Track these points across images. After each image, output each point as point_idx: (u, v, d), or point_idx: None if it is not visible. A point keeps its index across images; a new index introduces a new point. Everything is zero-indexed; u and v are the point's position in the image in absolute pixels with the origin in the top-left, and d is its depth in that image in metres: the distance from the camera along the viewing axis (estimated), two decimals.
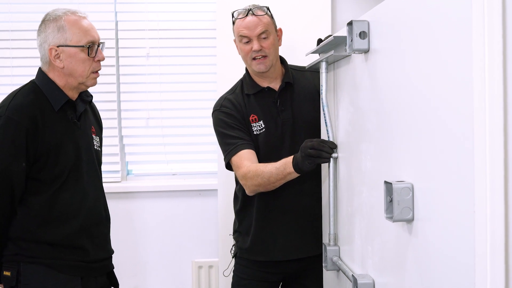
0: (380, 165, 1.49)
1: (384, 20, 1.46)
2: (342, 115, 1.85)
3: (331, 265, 1.92)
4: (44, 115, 1.91)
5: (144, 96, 3.14)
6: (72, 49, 1.93)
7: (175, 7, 3.14)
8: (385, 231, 1.45)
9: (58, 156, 1.92)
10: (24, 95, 1.93)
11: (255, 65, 2.19)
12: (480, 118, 1.01)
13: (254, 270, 2.28)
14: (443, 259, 1.14)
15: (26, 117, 1.86)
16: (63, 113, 1.96)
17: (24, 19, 3.07)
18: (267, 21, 2.19)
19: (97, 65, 2.00)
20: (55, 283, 1.92)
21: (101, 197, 2.11)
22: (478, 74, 1.01)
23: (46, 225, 1.92)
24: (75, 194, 1.97)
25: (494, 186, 1.01)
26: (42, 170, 1.90)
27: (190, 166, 3.21)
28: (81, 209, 1.98)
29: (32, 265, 1.90)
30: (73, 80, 1.97)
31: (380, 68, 1.48)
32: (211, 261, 3.10)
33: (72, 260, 1.95)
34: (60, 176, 1.93)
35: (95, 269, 2.03)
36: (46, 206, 1.92)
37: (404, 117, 1.33)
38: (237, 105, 2.24)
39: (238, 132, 2.20)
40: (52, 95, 1.95)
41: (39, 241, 1.91)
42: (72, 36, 1.93)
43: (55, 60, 1.94)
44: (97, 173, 2.09)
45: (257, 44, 2.16)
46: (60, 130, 1.94)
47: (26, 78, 3.02)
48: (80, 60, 1.94)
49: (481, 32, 1.01)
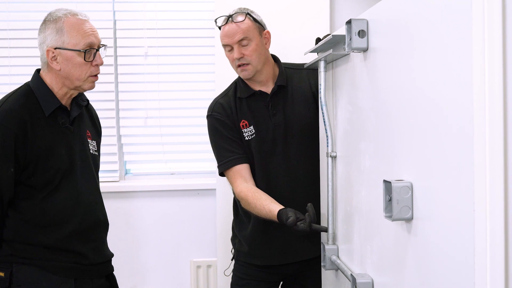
0: (379, 164, 1.49)
1: (383, 18, 1.46)
2: (341, 114, 1.84)
3: (330, 265, 1.91)
4: (34, 120, 1.88)
5: (142, 95, 3.14)
6: (69, 52, 1.90)
7: (174, 6, 3.14)
8: (384, 230, 1.45)
9: (49, 161, 1.89)
10: (15, 100, 1.90)
11: (240, 72, 2.18)
12: (479, 116, 1.01)
13: (254, 271, 2.27)
14: (443, 258, 1.14)
15: (15, 122, 1.84)
16: (54, 118, 1.93)
17: (22, 18, 3.07)
18: (247, 27, 2.13)
19: (96, 69, 1.95)
20: (47, 284, 1.90)
21: (98, 201, 2.07)
22: (478, 73, 1.01)
23: (38, 229, 1.90)
24: (68, 198, 1.94)
25: (493, 185, 1.01)
26: (32, 175, 1.88)
27: (189, 166, 3.21)
28: (75, 213, 1.95)
29: (25, 266, 1.89)
30: (70, 83, 1.94)
31: (379, 66, 1.48)
32: (209, 260, 3.10)
33: (66, 262, 1.93)
34: (52, 181, 1.90)
35: (90, 272, 2.00)
36: (38, 211, 1.90)
37: (403, 116, 1.33)
38: (228, 110, 2.22)
39: (231, 143, 2.20)
40: (44, 99, 1.92)
41: (32, 243, 1.90)
42: (70, 39, 1.90)
43: (52, 62, 1.92)
44: (93, 178, 2.06)
45: (237, 52, 2.13)
46: (51, 135, 1.91)
47: (25, 77, 3.02)
48: (76, 64, 1.91)
49: (481, 32, 1.01)
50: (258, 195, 2.09)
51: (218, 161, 2.23)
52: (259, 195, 2.09)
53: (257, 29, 2.17)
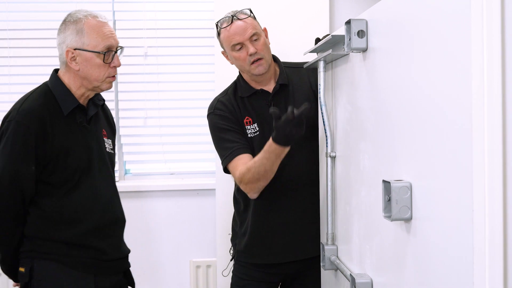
0: (378, 164, 1.49)
1: (382, 19, 1.46)
2: (340, 114, 1.84)
3: (329, 265, 1.92)
4: (53, 119, 1.93)
5: (142, 95, 3.14)
6: (88, 53, 1.95)
7: (173, 6, 3.14)
8: (383, 230, 1.45)
9: (68, 160, 1.94)
10: (35, 99, 1.95)
11: (254, 69, 2.15)
12: (478, 116, 1.01)
13: (253, 271, 2.26)
14: (442, 258, 1.14)
15: (35, 121, 1.89)
16: (73, 117, 1.99)
17: (22, 18, 3.07)
18: (254, 23, 2.15)
19: (113, 71, 2.00)
20: (67, 279, 1.96)
21: (115, 198, 2.13)
22: (477, 73, 1.01)
23: (58, 225, 1.96)
24: (87, 196, 1.99)
25: (492, 185, 1.01)
26: (52, 173, 1.93)
27: (188, 166, 3.21)
28: (93, 210, 2.00)
29: (45, 261, 1.94)
30: (88, 83, 1.99)
31: (378, 67, 1.48)
32: (209, 260, 3.10)
33: (84, 257, 1.98)
34: (71, 179, 1.96)
35: (109, 268, 2.05)
36: (57, 208, 1.95)
37: (403, 116, 1.33)
38: (230, 108, 2.21)
39: (233, 134, 2.17)
40: (63, 99, 1.97)
41: (52, 239, 1.95)
42: (90, 40, 1.94)
43: (71, 62, 1.96)
44: (110, 175, 2.12)
45: (252, 47, 2.12)
46: (69, 134, 1.96)
47: (24, 77, 3.07)
48: (95, 65, 1.96)
49: (480, 32, 1.01)
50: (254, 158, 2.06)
51: (222, 156, 2.19)
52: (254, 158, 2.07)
53: (259, 25, 2.20)
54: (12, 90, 3.05)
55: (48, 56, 3.01)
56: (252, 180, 2.07)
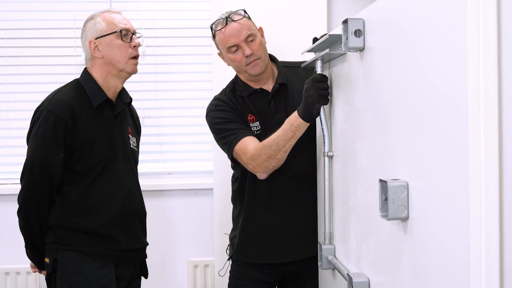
0: (375, 163, 1.49)
1: (380, 18, 1.46)
2: (337, 113, 1.84)
3: (327, 264, 1.92)
4: (82, 111, 2.04)
5: (140, 95, 3.13)
6: (108, 37, 2.08)
7: (171, 6, 3.14)
8: (380, 229, 1.45)
9: (93, 150, 2.05)
10: (66, 91, 2.08)
11: (251, 69, 2.14)
12: (474, 116, 1.01)
13: (251, 271, 2.26)
14: (438, 258, 1.14)
15: (65, 110, 2.00)
16: (101, 111, 2.09)
17: (20, 17, 3.06)
18: (248, 24, 2.14)
19: (134, 51, 2.11)
20: (90, 268, 2.04)
21: (137, 192, 2.21)
22: (473, 72, 1.01)
23: (80, 214, 2.05)
24: (109, 186, 2.08)
25: (488, 185, 1.01)
26: (78, 162, 2.03)
27: (186, 165, 3.20)
28: (114, 201, 2.09)
29: (69, 252, 2.04)
30: (113, 69, 2.10)
31: (375, 66, 1.48)
32: (207, 260, 3.10)
33: (104, 248, 2.07)
34: (95, 168, 2.05)
35: (127, 258, 2.14)
36: (80, 196, 2.05)
37: (400, 115, 1.33)
38: (232, 105, 2.21)
39: (236, 124, 2.15)
40: (92, 92, 2.08)
41: (73, 229, 2.04)
42: (106, 27, 2.09)
43: (94, 52, 2.08)
44: (132, 170, 2.21)
45: (248, 48, 2.11)
46: (96, 126, 2.07)
47: (24, 77, 3.06)
48: (116, 46, 2.08)
49: (476, 32, 1.01)
50: (268, 138, 2.03)
51: (226, 144, 2.14)
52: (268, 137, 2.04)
53: (254, 25, 2.19)
54: (10, 89, 3.05)
55: (47, 56, 3.04)
56: (265, 158, 2.03)
